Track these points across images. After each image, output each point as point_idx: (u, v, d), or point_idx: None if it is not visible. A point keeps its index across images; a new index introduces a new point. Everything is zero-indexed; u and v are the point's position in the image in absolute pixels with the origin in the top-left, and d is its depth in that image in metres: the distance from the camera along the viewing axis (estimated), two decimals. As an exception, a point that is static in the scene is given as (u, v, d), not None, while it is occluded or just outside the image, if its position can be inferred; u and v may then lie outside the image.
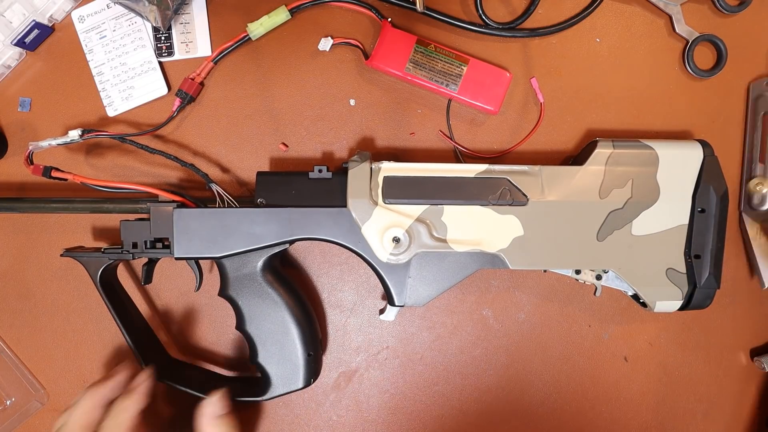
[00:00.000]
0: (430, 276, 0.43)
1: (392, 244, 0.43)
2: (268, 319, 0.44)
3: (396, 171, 0.43)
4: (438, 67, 0.47)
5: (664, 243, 0.44)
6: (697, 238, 0.44)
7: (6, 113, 0.49)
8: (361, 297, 0.49)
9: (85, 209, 0.45)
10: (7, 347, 0.49)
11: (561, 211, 0.43)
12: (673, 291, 0.44)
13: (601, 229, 0.43)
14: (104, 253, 0.44)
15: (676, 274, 0.44)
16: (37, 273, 0.49)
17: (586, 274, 0.45)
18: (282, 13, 0.47)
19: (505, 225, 0.43)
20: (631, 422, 0.50)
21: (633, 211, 0.44)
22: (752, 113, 0.50)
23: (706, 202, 0.44)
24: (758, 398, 0.51)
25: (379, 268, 0.43)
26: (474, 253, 0.43)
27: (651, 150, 0.44)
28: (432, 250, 0.43)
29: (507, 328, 0.50)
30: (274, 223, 0.43)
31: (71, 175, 0.43)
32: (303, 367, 0.44)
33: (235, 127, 0.49)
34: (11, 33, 0.46)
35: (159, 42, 0.49)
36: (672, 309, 0.45)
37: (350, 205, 0.43)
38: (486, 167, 0.44)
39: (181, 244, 0.43)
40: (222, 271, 0.44)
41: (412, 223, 0.43)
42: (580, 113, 0.49)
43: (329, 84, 0.49)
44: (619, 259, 0.44)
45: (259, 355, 0.44)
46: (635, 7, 0.50)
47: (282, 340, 0.44)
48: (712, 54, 0.50)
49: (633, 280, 0.44)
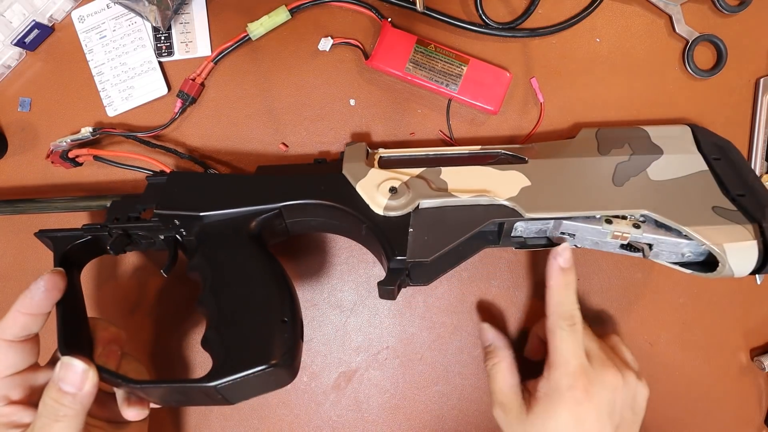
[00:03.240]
0: (435, 229, 0.38)
1: (388, 195, 0.39)
2: (237, 284, 0.36)
3: (392, 153, 0.44)
4: (438, 67, 0.47)
5: (694, 184, 0.39)
6: (728, 180, 0.39)
7: (6, 113, 0.49)
8: (361, 297, 0.49)
9: (85, 207, 0.45)
10: (7, 347, 0.49)
11: (565, 165, 0.40)
12: (736, 230, 0.36)
13: (615, 176, 0.40)
14: (82, 229, 0.40)
15: (725, 212, 0.37)
16: (37, 273, 0.49)
17: (620, 224, 0.38)
18: (282, 13, 0.47)
19: (510, 178, 0.40)
20: (631, 422, 0.50)
21: (642, 162, 0.40)
22: (762, 108, 0.49)
23: (716, 152, 0.41)
24: (758, 398, 0.51)
25: (375, 222, 0.38)
26: (482, 204, 0.39)
27: (637, 127, 0.44)
28: (434, 201, 0.38)
29: (507, 328, 0.50)
30: (265, 188, 0.40)
31: (86, 151, 0.46)
32: (273, 338, 0.34)
33: (235, 127, 0.49)
34: (11, 33, 0.47)
35: (159, 42, 0.49)
36: (750, 257, 0.36)
37: (345, 169, 0.41)
38: (480, 147, 0.44)
39: (164, 200, 0.40)
40: (201, 236, 0.39)
41: (410, 179, 0.40)
42: (580, 113, 0.49)
43: (329, 84, 0.49)
44: (648, 200, 0.38)
45: (218, 326, 0.35)
46: (635, 7, 0.50)
47: (250, 307, 0.35)
48: (712, 54, 0.50)
49: (678, 219, 0.37)
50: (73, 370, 0.34)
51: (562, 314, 0.39)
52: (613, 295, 0.50)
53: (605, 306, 0.50)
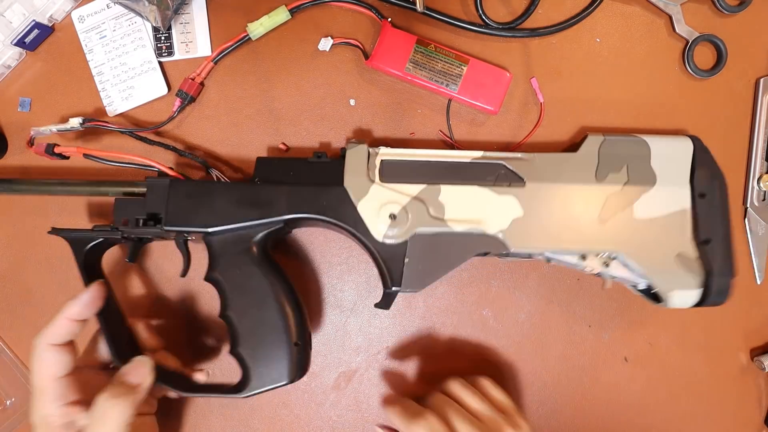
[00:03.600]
0: (428, 258, 0.42)
1: (388, 221, 0.42)
2: (254, 305, 0.41)
3: (393, 155, 0.44)
4: (438, 67, 0.47)
5: (670, 227, 0.42)
6: (702, 223, 0.42)
7: (6, 113, 0.49)
8: (361, 297, 0.49)
9: (83, 192, 0.44)
10: (7, 347, 0.49)
11: (559, 192, 0.43)
12: (687, 278, 0.42)
13: (602, 211, 0.43)
14: (94, 231, 0.42)
15: (686, 260, 0.42)
16: (37, 273, 0.49)
17: (592, 261, 0.43)
18: (282, 13, 0.47)
19: (504, 205, 0.43)
20: (631, 422, 0.50)
21: (632, 195, 0.43)
22: (762, 108, 0.49)
23: (705, 188, 0.43)
24: (758, 398, 0.51)
25: (374, 249, 0.42)
26: (473, 234, 0.42)
27: (641, 140, 0.44)
28: (429, 228, 0.42)
29: (507, 328, 0.50)
30: (269, 198, 0.42)
31: (74, 149, 0.43)
32: (288, 359, 0.41)
33: (235, 127, 0.49)
34: (11, 33, 0.47)
35: (159, 42, 0.49)
36: (689, 302, 0.42)
37: (347, 182, 0.42)
38: (482, 153, 0.44)
39: (171, 215, 0.41)
40: (211, 249, 0.42)
41: (409, 201, 0.42)
42: (580, 113, 0.49)
43: (329, 84, 0.49)
44: (624, 241, 0.42)
45: (241, 344, 0.41)
46: (635, 7, 0.50)
47: (267, 329, 0.41)
48: (712, 54, 0.50)
49: (643, 264, 0.42)
50: (142, 365, 0.40)
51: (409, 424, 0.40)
52: (614, 295, 0.50)
53: (605, 306, 0.50)
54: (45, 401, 0.38)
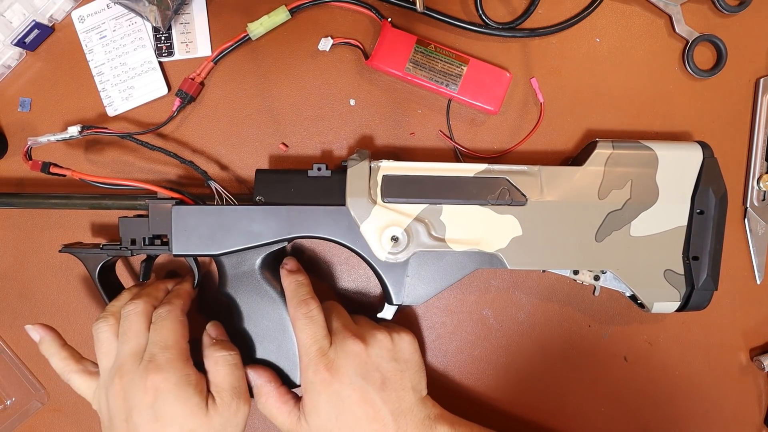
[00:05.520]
0: (428, 275, 0.44)
1: (390, 243, 0.43)
2: (266, 317, 0.44)
3: (395, 170, 0.43)
4: (438, 67, 0.47)
5: (663, 244, 0.44)
6: (695, 239, 0.44)
7: (6, 113, 0.49)
8: (361, 297, 0.49)
9: (84, 205, 0.45)
10: (7, 347, 0.49)
11: (560, 211, 0.43)
12: (670, 292, 0.44)
13: (600, 229, 0.43)
14: (103, 249, 0.44)
15: (673, 275, 0.44)
16: (37, 273, 0.49)
17: (584, 275, 0.45)
18: (282, 13, 0.47)
19: (504, 225, 0.43)
20: (631, 422, 0.50)
21: (632, 213, 0.44)
22: (762, 108, 0.49)
23: (705, 204, 0.44)
24: (758, 398, 0.51)
25: (377, 266, 0.43)
26: (472, 252, 0.43)
27: (650, 151, 0.44)
28: (430, 249, 0.43)
29: (507, 328, 0.50)
30: (273, 221, 0.43)
31: (70, 171, 0.43)
32: (297, 369, 0.44)
33: (235, 127, 0.49)
34: (11, 33, 0.46)
35: (159, 42, 0.49)
36: (669, 310, 0.45)
37: (349, 203, 0.43)
38: (485, 167, 0.44)
39: (179, 241, 0.43)
40: (220, 268, 0.44)
41: (411, 222, 0.43)
42: (580, 113, 0.49)
43: (329, 84, 0.49)
44: (617, 260, 0.44)
45: (257, 354, 0.44)
46: (635, 7, 0.50)
47: (280, 338, 0.44)
48: (712, 54, 0.50)
49: (631, 281, 0.44)
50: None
51: (297, 305, 0.42)
52: (614, 295, 0.50)
53: (605, 306, 0.50)
54: (185, 360, 0.40)
